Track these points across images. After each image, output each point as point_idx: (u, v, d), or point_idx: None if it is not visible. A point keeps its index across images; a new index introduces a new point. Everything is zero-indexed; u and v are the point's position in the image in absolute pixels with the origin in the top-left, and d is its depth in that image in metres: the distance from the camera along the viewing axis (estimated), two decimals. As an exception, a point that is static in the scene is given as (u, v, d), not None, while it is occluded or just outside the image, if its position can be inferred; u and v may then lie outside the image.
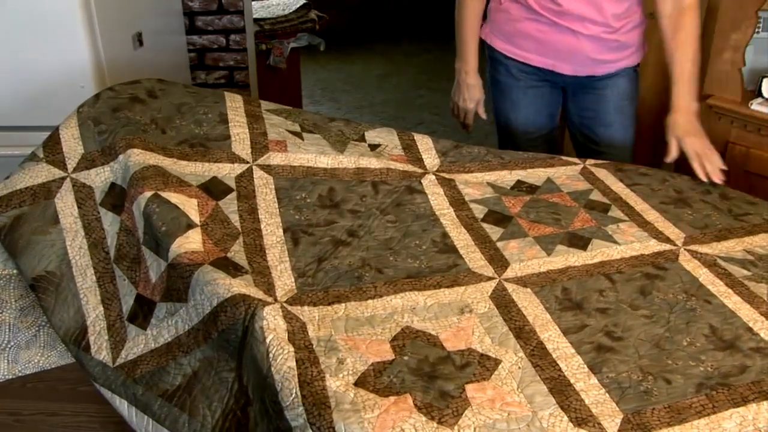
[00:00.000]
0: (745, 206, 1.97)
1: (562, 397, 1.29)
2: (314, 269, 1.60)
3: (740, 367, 1.38)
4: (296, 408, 1.26)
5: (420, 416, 1.23)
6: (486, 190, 1.96)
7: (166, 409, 1.50)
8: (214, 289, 1.45)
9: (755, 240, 1.81)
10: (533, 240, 1.74)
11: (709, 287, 1.61)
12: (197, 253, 1.54)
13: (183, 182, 1.74)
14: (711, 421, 1.26)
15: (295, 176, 1.88)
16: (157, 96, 2.02)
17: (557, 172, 2.09)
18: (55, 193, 1.79)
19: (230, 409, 1.42)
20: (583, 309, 1.52)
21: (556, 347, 1.41)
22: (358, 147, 2.04)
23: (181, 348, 1.52)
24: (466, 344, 1.40)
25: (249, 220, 1.71)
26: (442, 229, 1.77)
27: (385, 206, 1.84)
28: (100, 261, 1.72)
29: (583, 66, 2.26)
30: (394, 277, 1.58)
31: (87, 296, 1.68)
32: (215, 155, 1.87)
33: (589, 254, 1.70)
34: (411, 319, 1.46)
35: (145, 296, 1.63)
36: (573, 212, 1.87)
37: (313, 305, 1.48)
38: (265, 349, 1.33)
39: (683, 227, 1.83)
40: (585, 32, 2.17)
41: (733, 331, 1.47)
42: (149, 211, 1.64)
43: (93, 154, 1.83)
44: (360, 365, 1.33)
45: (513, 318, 1.48)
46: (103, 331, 1.64)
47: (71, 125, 1.88)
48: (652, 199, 1.96)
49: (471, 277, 1.60)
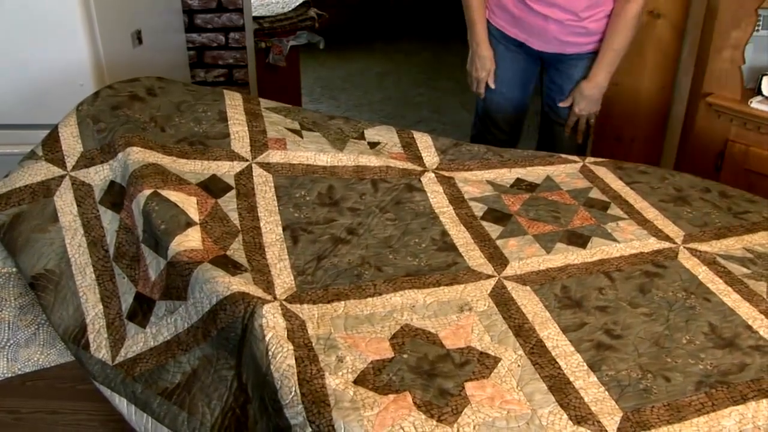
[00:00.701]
0: (744, 204, 1.96)
1: (561, 395, 1.29)
2: (314, 267, 1.59)
3: (739, 365, 1.38)
4: (296, 406, 1.26)
5: (419, 414, 1.23)
6: (485, 188, 1.95)
7: (165, 407, 1.50)
8: (213, 287, 1.44)
9: (755, 238, 1.81)
10: (533, 238, 1.74)
11: (708, 285, 1.61)
12: (196, 251, 1.54)
13: (182, 180, 1.74)
14: (710, 419, 1.26)
15: (294, 174, 1.87)
16: (157, 94, 2.02)
17: (557, 170, 2.08)
18: (54, 192, 1.78)
19: (229, 407, 1.42)
20: (583, 307, 1.52)
21: (555, 345, 1.41)
22: (358, 145, 2.04)
23: (180, 346, 1.52)
24: (466, 342, 1.40)
25: (248, 218, 1.71)
26: (442, 227, 1.77)
27: (385, 204, 1.84)
28: (100, 259, 1.72)
29: (551, 44, 2.44)
30: (394, 275, 1.58)
31: (86, 294, 1.68)
32: (214, 153, 1.87)
33: (589, 252, 1.70)
34: (410, 317, 1.46)
35: (145, 294, 1.63)
36: (572, 210, 1.87)
37: (313, 303, 1.48)
38: (264, 347, 1.33)
39: (683, 225, 1.83)
40: (553, 17, 2.35)
41: (733, 329, 1.47)
42: (148, 209, 1.63)
43: (92, 152, 1.83)
44: (359, 363, 1.33)
45: (512, 316, 1.48)
46: (103, 329, 1.64)
47: (70, 123, 1.88)
48: (651, 197, 1.96)
49: (470, 275, 1.60)
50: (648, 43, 2.82)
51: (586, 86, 2.43)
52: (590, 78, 2.42)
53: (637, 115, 2.95)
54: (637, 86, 2.90)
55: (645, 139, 3.00)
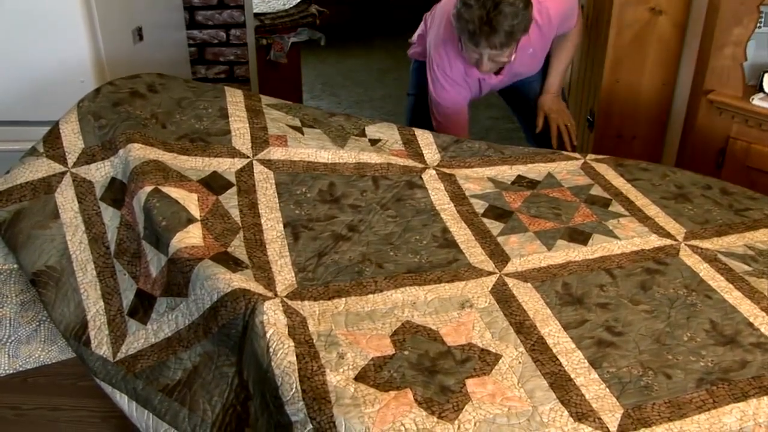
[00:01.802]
0: (745, 201, 1.96)
1: (562, 392, 1.29)
2: (314, 264, 1.59)
3: (741, 362, 1.38)
4: (296, 403, 1.26)
5: (420, 411, 1.23)
6: (486, 185, 1.95)
7: (166, 403, 1.49)
8: (214, 284, 1.44)
9: (756, 235, 1.81)
10: (534, 235, 1.74)
11: (709, 282, 1.60)
12: (197, 248, 1.54)
13: (183, 177, 1.74)
14: (711, 416, 1.26)
15: (295, 171, 1.87)
16: (157, 91, 2.01)
17: (558, 167, 2.08)
18: (55, 188, 1.78)
19: (230, 403, 1.42)
20: (584, 304, 1.52)
21: (556, 342, 1.41)
22: (359, 142, 2.04)
23: (181, 343, 1.52)
24: (467, 339, 1.40)
25: (249, 215, 1.71)
26: (443, 224, 1.77)
27: (386, 201, 1.83)
28: (101, 256, 1.72)
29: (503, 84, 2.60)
30: (395, 272, 1.58)
31: (87, 291, 1.68)
32: (215, 150, 1.87)
33: (590, 249, 1.70)
34: (411, 313, 1.46)
35: (146, 291, 1.63)
36: (574, 207, 1.86)
37: (314, 300, 1.47)
38: (265, 344, 1.33)
39: (684, 222, 1.83)
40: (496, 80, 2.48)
41: (734, 327, 1.47)
42: (149, 206, 1.63)
43: (93, 149, 1.83)
44: (360, 360, 1.33)
45: (513, 313, 1.48)
46: (104, 325, 1.64)
47: (71, 120, 1.88)
48: (652, 194, 1.96)
49: (471, 272, 1.60)
50: (649, 39, 2.81)
51: (544, 100, 2.60)
52: (547, 91, 2.60)
53: (638, 112, 2.95)
54: (638, 83, 2.89)
55: (646, 136, 3.00)
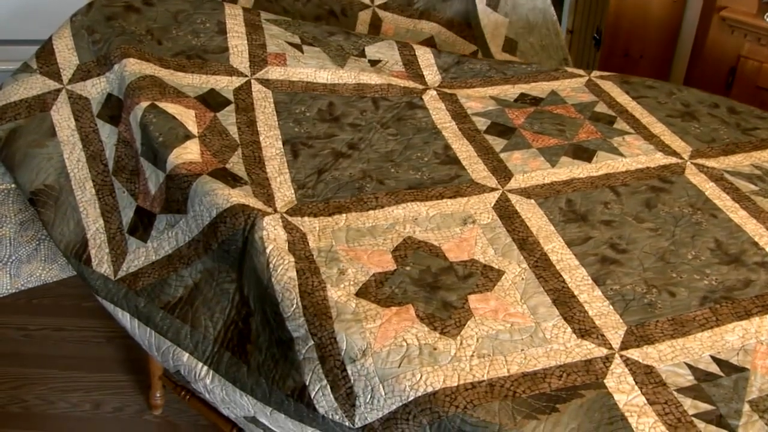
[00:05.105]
0: (753, 120, 1.93)
1: (565, 309, 1.29)
2: (314, 181, 1.57)
3: (744, 281, 1.37)
4: (297, 318, 1.26)
5: (422, 326, 1.23)
6: (489, 102, 1.91)
7: (168, 321, 1.50)
8: (213, 200, 1.43)
9: (763, 155, 1.78)
10: (537, 151, 1.71)
11: (715, 201, 1.59)
12: (195, 164, 1.52)
13: (180, 93, 1.70)
14: (714, 334, 1.26)
15: (294, 91, 1.84)
16: (153, 3, 1.96)
17: (561, 84, 2.04)
18: (50, 106, 1.75)
19: (232, 320, 1.42)
20: (588, 221, 1.51)
21: (560, 259, 1.40)
22: (359, 62, 1.99)
23: (181, 260, 1.52)
24: (469, 255, 1.39)
25: (248, 133, 1.68)
26: (444, 141, 1.74)
27: (386, 120, 1.80)
28: (99, 173, 1.70)
29: None
30: (396, 188, 1.56)
31: (86, 209, 1.67)
32: (213, 67, 1.83)
33: (594, 166, 1.67)
34: (413, 229, 1.45)
35: (145, 208, 1.61)
36: (578, 124, 1.83)
37: (314, 216, 1.46)
38: (265, 260, 1.32)
39: (690, 141, 1.80)
40: None
41: (739, 246, 1.46)
42: (146, 122, 1.60)
43: (88, 65, 1.79)
44: (361, 276, 1.32)
45: (516, 229, 1.47)
46: (104, 244, 1.63)
47: (65, 35, 1.83)
48: (658, 112, 1.92)
49: (474, 188, 1.58)
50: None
51: None
52: None
53: (646, 29, 2.87)
54: (647, 0, 2.82)
55: (654, 54, 2.93)
